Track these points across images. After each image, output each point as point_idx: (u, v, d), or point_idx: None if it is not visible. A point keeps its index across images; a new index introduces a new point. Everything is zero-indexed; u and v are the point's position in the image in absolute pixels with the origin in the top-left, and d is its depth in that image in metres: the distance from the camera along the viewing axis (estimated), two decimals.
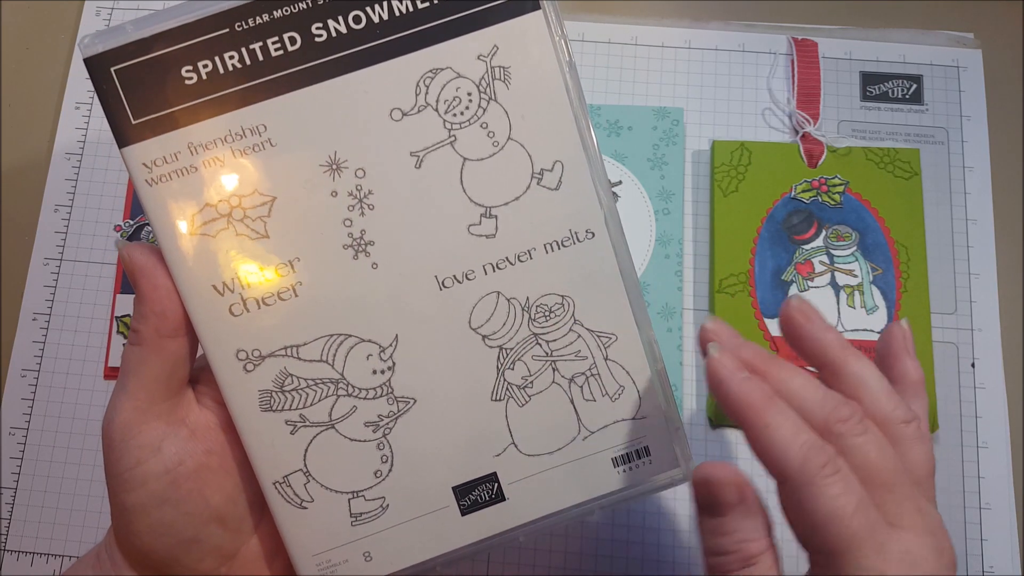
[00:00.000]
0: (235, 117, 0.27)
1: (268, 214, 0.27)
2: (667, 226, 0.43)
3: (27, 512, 0.41)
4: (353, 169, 0.27)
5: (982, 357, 0.42)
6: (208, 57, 0.26)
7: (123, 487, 0.27)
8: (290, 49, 0.27)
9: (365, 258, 0.28)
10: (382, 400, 0.28)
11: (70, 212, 0.45)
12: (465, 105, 0.27)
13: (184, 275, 0.27)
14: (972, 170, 0.45)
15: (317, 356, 0.28)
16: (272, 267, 0.27)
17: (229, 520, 0.29)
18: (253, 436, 0.28)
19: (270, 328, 0.28)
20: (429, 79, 0.27)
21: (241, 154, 0.27)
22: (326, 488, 0.29)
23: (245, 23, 0.26)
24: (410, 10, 0.27)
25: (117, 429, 0.27)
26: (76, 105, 0.46)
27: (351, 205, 0.27)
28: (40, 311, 0.44)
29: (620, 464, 0.30)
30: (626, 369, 0.29)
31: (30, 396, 0.43)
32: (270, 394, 0.28)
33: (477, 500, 0.29)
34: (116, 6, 0.48)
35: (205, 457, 0.28)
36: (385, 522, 0.29)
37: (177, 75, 0.26)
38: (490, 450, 0.29)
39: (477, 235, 0.28)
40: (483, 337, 0.29)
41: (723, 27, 0.47)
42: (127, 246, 0.27)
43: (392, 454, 0.29)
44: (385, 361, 0.28)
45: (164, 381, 0.28)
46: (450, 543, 0.29)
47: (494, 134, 0.28)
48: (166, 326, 0.27)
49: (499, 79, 0.27)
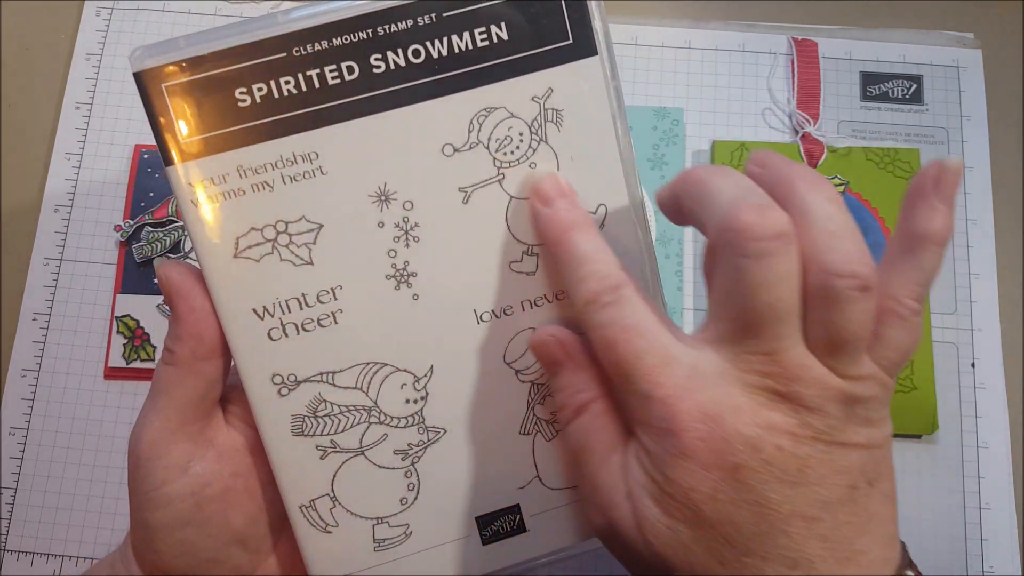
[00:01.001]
0: (287, 143, 0.27)
1: (314, 241, 0.27)
2: (667, 226, 0.43)
3: (27, 512, 0.41)
4: (401, 201, 0.27)
5: (982, 357, 0.42)
6: (264, 80, 0.26)
7: (148, 505, 0.27)
8: (347, 78, 0.26)
9: (407, 289, 0.28)
10: (413, 429, 0.28)
11: (70, 212, 0.45)
12: (516, 144, 0.27)
13: (224, 298, 0.27)
14: (972, 170, 0.45)
15: (352, 383, 0.28)
16: (314, 294, 0.27)
17: (250, 541, 0.29)
18: (282, 460, 0.28)
19: (307, 354, 0.28)
20: (483, 117, 0.27)
21: (291, 180, 0.27)
22: (351, 513, 0.29)
23: (303, 49, 0.26)
24: (469, 48, 0.27)
25: (145, 447, 0.27)
26: (76, 105, 0.46)
27: (397, 236, 0.27)
28: (40, 311, 0.44)
29: None
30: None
31: (30, 396, 0.43)
32: (303, 419, 0.28)
33: (499, 531, 0.29)
34: (116, 6, 0.48)
35: (231, 480, 0.28)
36: (407, 549, 0.29)
37: (231, 96, 0.26)
38: (515, 483, 0.29)
39: (518, 272, 0.28)
40: (516, 372, 0.29)
41: (723, 27, 0.47)
42: (164, 265, 0.27)
43: (419, 482, 0.29)
44: (419, 391, 0.28)
45: (196, 402, 0.27)
46: (469, 571, 0.29)
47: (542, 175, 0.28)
48: (202, 349, 0.27)
49: (551, 121, 0.28)
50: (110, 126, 0.46)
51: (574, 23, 0.27)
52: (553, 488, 0.29)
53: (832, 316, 0.22)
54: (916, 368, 0.41)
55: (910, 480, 0.40)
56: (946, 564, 0.39)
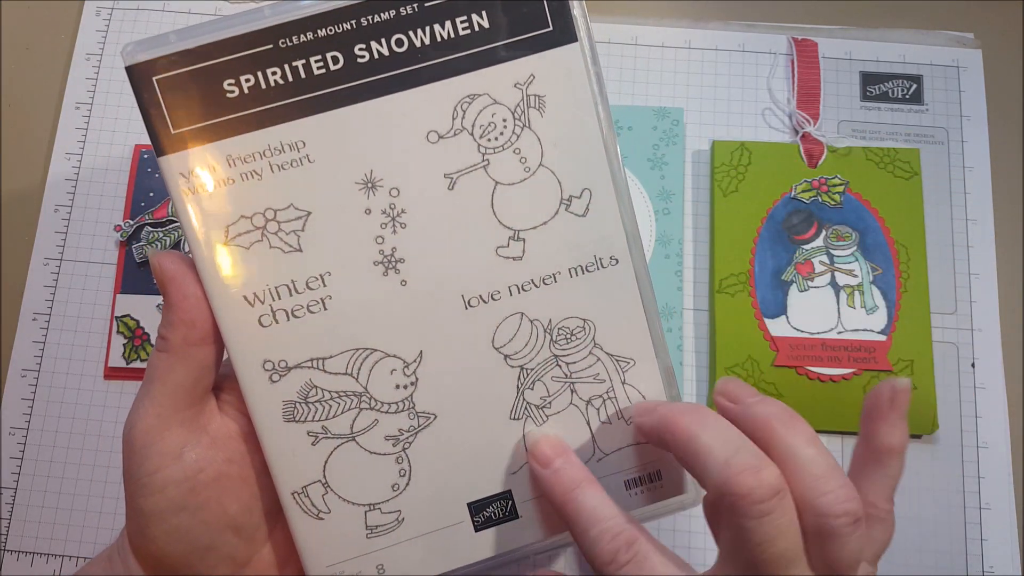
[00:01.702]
0: (275, 132, 0.27)
1: (302, 228, 0.28)
2: (667, 226, 0.43)
3: (27, 512, 0.41)
4: (388, 188, 0.28)
5: (982, 357, 0.42)
6: (251, 72, 0.27)
7: (141, 492, 0.27)
8: (332, 68, 0.27)
9: (395, 275, 0.28)
10: (403, 415, 0.29)
11: (70, 212, 0.45)
12: (500, 131, 0.28)
13: (216, 285, 0.28)
14: (972, 170, 0.45)
15: (342, 369, 0.28)
16: (303, 280, 0.28)
17: (244, 529, 0.29)
18: (274, 446, 0.28)
19: (298, 340, 0.28)
20: (466, 104, 0.28)
21: (279, 169, 0.27)
22: (343, 500, 0.29)
23: (289, 40, 0.27)
24: (452, 36, 0.27)
25: (139, 434, 0.27)
26: (76, 105, 0.46)
27: (384, 223, 0.28)
28: (40, 311, 0.44)
29: (632, 487, 0.30)
30: (642, 394, 0.30)
31: (30, 396, 0.43)
32: (294, 405, 0.28)
33: (491, 517, 0.29)
34: (116, 6, 0.48)
35: (225, 466, 0.28)
36: (400, 535, 0.29)
37: (219, 88, 0.27)
38: (507, 468, 0.29)
39: (504, 257, 0.28)
40: (505, 357, 0.29)
41: (723, 27, 0.47)
42: (157, 254, 0.28)
43: (410, 468, 0.29)
44: (408, 376, 0.29)
45: (189, 388, 0.28)
46: (462, 558, 0.30)
47: (526, 160, 0.28)
48: (194, 335, 0.27)
49: (534, 107, 0.28)
50: (110, 126, 0.46)
51: (554, 11, 0.28)
52: None
53: (833, 550, 0.24)
54: (916, 368, 0.41)
55: (910, 480, 0.40)
56: (946, 564, 0.39)
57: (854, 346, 0.41)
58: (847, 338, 0.41)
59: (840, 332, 0.41)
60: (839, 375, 0.41)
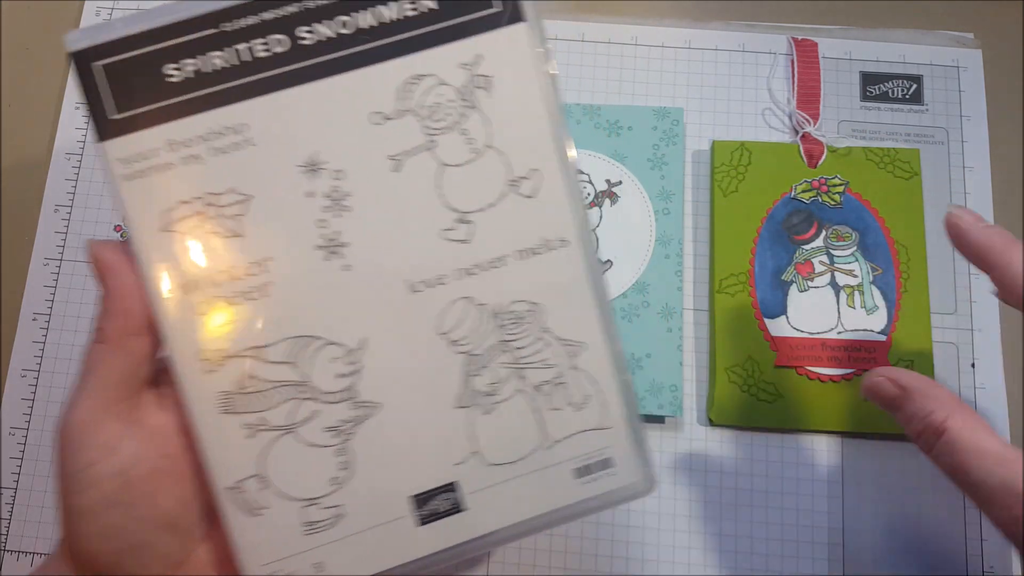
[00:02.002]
0: (216, 115, 0.27)
1: (243, 213, 0.27)
2: (667, 226, 0.43)
3: (27, 512, 0.41)
4: (331, 171, 0.27)
5: (982, 357, 0.42)
6: (193, 56, 0.27)
7: (74, 487, 0.27)
8: (276, 51, 0.27)
9: (338, 260, 0.28)
10: (345, 405, 0.28)
11: (70, 212, 0.45)
12: (446, 111, 0.28)
13: (153, 272, 0.27)
14: (972, 170, 0.45)
15: (282, 358, 0.28)
16: (243, 266, 0.27)
17: (180, 526, 0.28)
18: (209, 439, 0.27)
19: (236, 328, 0.27)
20: (413, 85, 0.27)
21: (220, 152, 0.27)
22: (281, 495, 0.28)
23: (232, 24, 0.27)
24: (397, 18, 0.27)
25: (74, 428, 0.27)
26: (76, 105, 0.46)
27: (327, 206, 0.27)
28: (40, 311, 0.44)
29: (582, 475, 0.29)
30: (593, 378, 0.29)
31: (30, 396, 0.43)
32: (230, 396, 0.27)
33: (436, 510, 0.28)
34: (116, 6, 0.48)
35: (160, 460, 0.27)
36: (339, 532, 0.28)
37: (160, 72, 0.27)
38: (451, 458, 0.28)
39: (451, 240, 0.28)
40: (451, 343, 0.28)
41: (723, 27, 0.47)
42: (95, 243, 0.27)
43: (351, 461, 0.28)
44: (351, 365, 0.28)
45: (125, 380, 0.27)
46: (406, 554, 0.28)
47: (473, 141, 0.28)
48: (131, 325, 0.27)
49: (481, 87, 0.28)
50: None
51: None
52: (493, 464, 0.29)
53: None
54: (916, 368, 0.41)
55: (910, 480, 0.40)
56: (946, 564, 0.39)
57: (854, 346, 0.41)
58: (847, 338, 0.41)
59: (840, 332, 0.41)
60: (839, 375, 0.41)
